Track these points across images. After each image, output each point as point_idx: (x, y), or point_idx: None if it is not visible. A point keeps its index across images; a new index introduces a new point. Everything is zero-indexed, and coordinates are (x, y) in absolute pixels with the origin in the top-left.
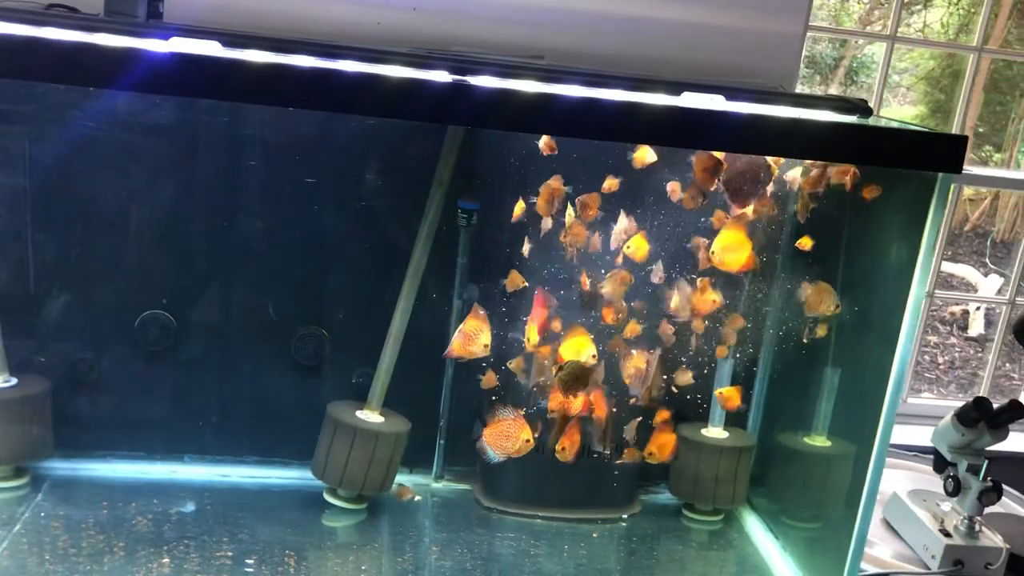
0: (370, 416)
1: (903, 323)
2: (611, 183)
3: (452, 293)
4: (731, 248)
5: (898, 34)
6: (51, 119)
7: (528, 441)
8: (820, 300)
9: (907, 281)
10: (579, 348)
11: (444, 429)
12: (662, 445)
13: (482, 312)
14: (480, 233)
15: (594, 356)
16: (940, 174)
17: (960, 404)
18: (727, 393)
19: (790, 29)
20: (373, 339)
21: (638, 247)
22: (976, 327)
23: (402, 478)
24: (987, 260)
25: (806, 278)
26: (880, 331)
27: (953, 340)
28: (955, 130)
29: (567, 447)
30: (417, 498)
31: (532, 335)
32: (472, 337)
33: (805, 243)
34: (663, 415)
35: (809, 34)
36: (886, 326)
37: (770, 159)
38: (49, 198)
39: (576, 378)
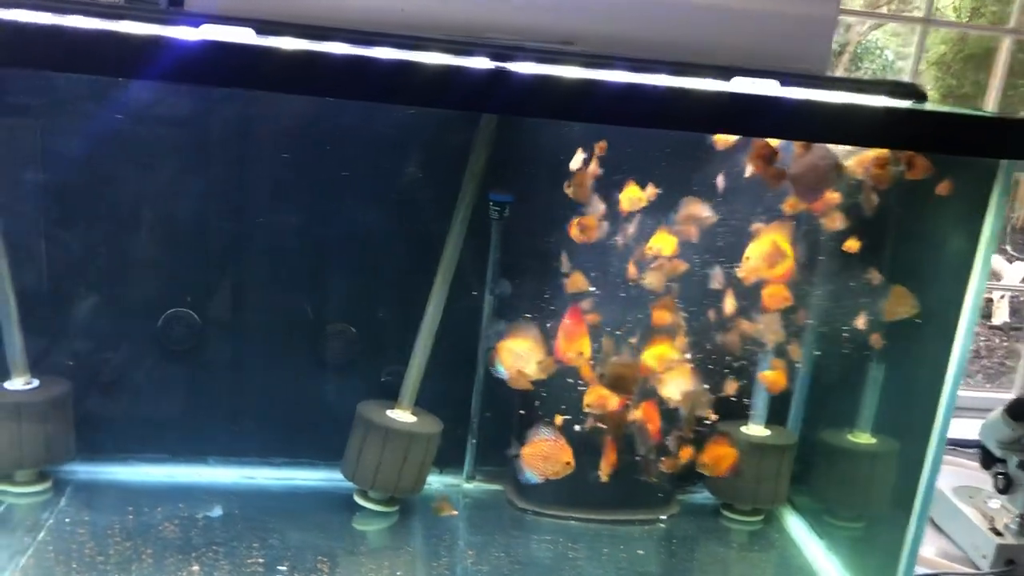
0: (402, 416)
1: (962, 316)
2: (650, 191)
3: (484, 288)
4: (770, 256)
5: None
6: (72, 112)
7: (568, 464)
8: (898, 304)
9: (964, 272)
10: (663, 356)
11: (475, 428)
12: (719, 458)
13: (535, 330)
14: (516, 226)
15: (678, 361)
16: (1005, 161)
17: (990, 396)
18: (772, 376)
19: (823, 13)
20: (402, 336)
21: (663, 245)
22: (1000, 315)
23: (432, 478)
24: (1007, 247)
25: (859, 270)
26: (936, 325)
27: (977, 329)
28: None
29: (604, 466)
30: (455, 513)
31: (585, 348)
32: (526, 359)
33: (852, 246)
34: (686, 452)
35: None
36: (942, 319)
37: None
38: (69, 194)
39: (621, 377)
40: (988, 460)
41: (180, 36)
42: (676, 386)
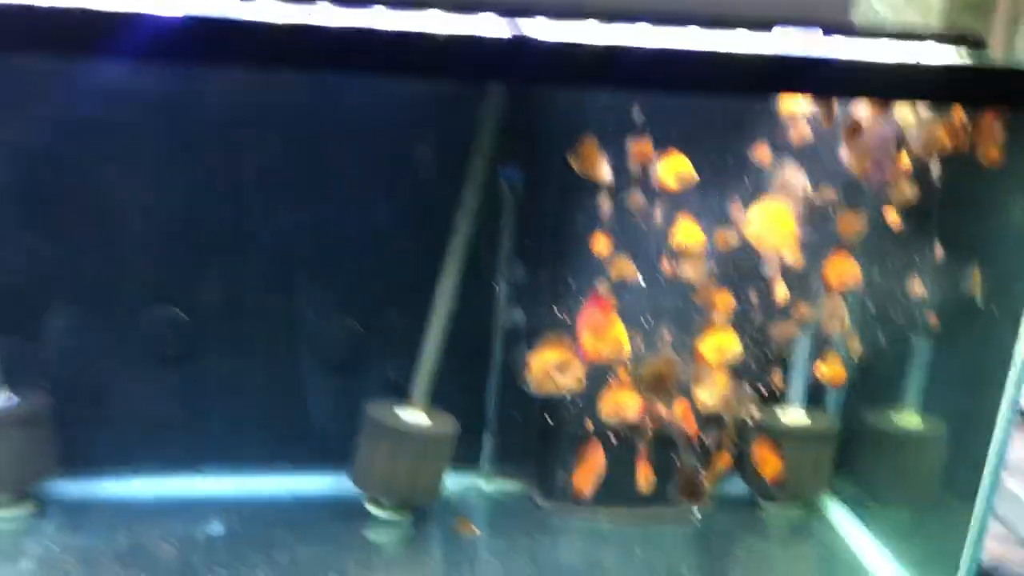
0: (414, 416)
1: None
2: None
3: (498, 274)
4: (771, 223)
5: None
6: (35, 96)
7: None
8: (975, 284)
9: None
10: (722, 345)
11: (493, 423)
12: (764, 463)
13: (566, 339)
14: (532, 206)
15: (740, 354)
16: None
17: None
18: (830, 371)
19: None
20: (410, 329)
21: (690, 237)
22: None
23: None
24: None
25: (914, 244)
26: (999, 299)
27: None
28: None
29: (641, 477)
30: (477, 532)
31: (622, 339)
32: (562, 371)
33: (894, 220)
34: (725, 459)
35: None
36: (1007, 293)
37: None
38: (44, 188)
39: (660, 378)
40: None
41: (153, 11)
42: (713, 389)
